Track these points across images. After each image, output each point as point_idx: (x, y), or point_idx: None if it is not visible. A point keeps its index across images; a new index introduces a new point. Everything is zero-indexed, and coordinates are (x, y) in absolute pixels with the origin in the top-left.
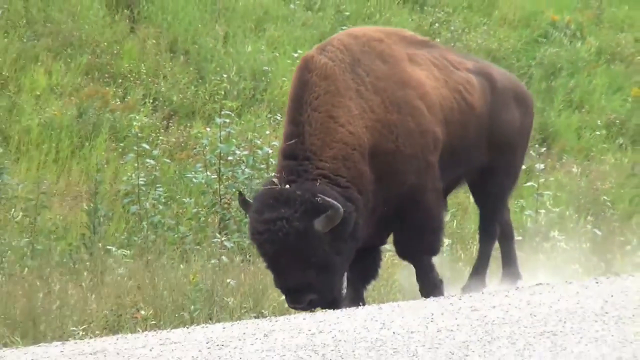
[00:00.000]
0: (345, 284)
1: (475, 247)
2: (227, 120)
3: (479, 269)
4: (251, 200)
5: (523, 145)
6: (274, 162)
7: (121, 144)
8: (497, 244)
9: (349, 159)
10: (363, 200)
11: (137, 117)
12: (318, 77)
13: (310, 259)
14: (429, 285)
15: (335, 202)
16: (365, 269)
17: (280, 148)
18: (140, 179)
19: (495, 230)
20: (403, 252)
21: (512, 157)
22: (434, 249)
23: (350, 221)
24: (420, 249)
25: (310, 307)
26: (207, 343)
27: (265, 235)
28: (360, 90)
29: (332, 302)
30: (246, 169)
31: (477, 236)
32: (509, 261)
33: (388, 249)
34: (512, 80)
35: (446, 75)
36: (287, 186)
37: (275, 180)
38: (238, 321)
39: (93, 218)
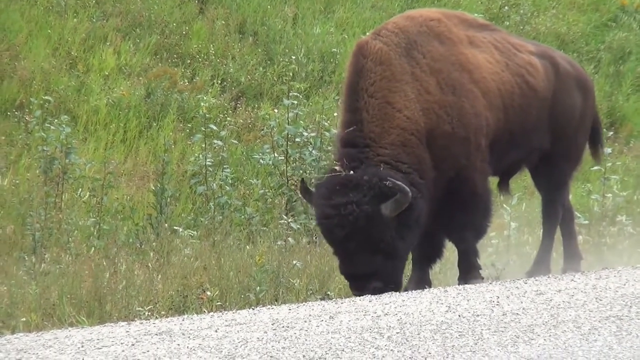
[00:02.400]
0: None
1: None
2: (295, 102)
3: (544, 253)
4: (312, 189)
5: (584, 130)
6: None
7: (189, 125)
8: None
9: (408, 145)
10: (425, 186)
11: (205, 98)
12: (373, 63)
13: (377, 245)
14: (468, 271)
15: (405, 186)
16: (430, 249)
17: (338, 136)
18: (208, 159)
19: (557, 215)
20: (448, 232)
21: (573, 141)
22: (480, 230)
23: (417, 206)
24: (465, 228)
25: (374, 293)
26: (272, 324)
27: (335, 220)
28: (415, 72)
29: (396, 289)
30: (313, 151)
31: (541, 220)
32: (569, 243)
33: None
34: (573, 64)
35: (508, 58)
36: (351, 172)
37: (337, 167)
38: (304, 303)
39: (160, 198)
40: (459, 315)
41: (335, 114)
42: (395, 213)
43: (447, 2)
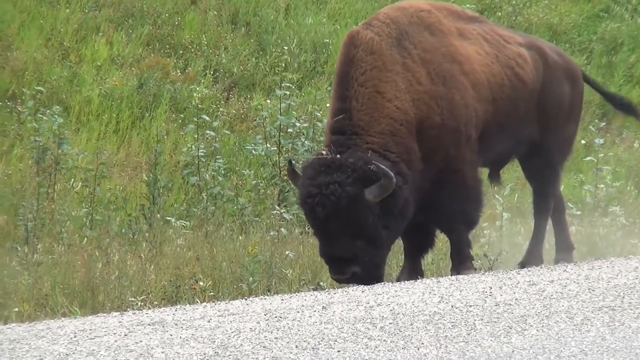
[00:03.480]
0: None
1: None
2: (288, 93)
3: (536, 244)
4: (299, 172)
5: (573, 120)
6: None
7: (181, 115)
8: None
9: (397, 134)
10: (412, 176)
11: (198, 89)
12: (364, 53)
13: (358, 229)
14: (461, 262)
15: (389, 171)
16: (421, 239)
17: (328, 124)
18: (200, 150)
19: (549, 205)
20: (439, 223)
21: (562, 132)
22: (471, 221)
23: (401, 195)
24: (456, 219)
25: (352, 280)
26: (265, 315)
27: (317, 198)
28: (406, 63)
29: (374, 280)
30: (306, 141)
31: (532, 211)
32: (561, 233)
33: None
34: (562, 55)
35: (497, 50)
36: (338, 156)
37: (324, 152)
38: (296, 293)
39: (152, 189)
40: (452, 306)
41: (328, 105)
42: (378, 198)
43: None
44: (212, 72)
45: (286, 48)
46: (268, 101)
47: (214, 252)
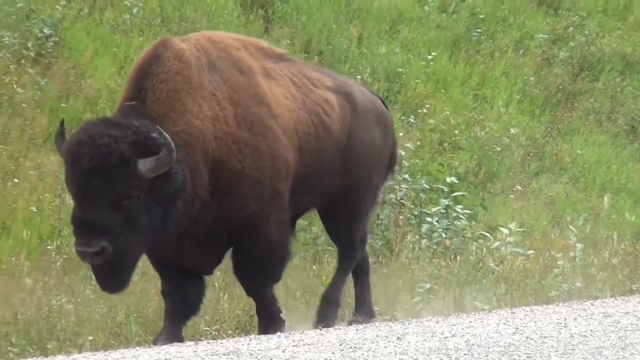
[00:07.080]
0: None
1: (609, 251)
2: None
3: (333, 296)
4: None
5: (381, 167)
6: (406, 164)
7: None
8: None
9: (190, 146)
10: (189, 191)
11: None
12: (173, 56)
13: (120, 198)
14: (270, 322)
15: (172, 143)
16: (187, 301)
17: (118, 109)
18: None
19: (355, 253)
20: (242, 282)
21: (368, 180)
22: (274, 277)
23: (174, 183)
24: (259, 281)
25: (97, 257)
26: (340, 345)
27: (85, 148)
28: (216, 95)
29: (120, 275)
30: None
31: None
32: (363, 296)
33: None
34: (372, 100)
35: (304, 95)
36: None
37: None
38: (371, 324)
39: None
40: (527, 337)
41: (401, 134)
42: (152, 173)
43: (513, 23)
44: None
45: (359, 77)
46: None
47: (287, 281)
